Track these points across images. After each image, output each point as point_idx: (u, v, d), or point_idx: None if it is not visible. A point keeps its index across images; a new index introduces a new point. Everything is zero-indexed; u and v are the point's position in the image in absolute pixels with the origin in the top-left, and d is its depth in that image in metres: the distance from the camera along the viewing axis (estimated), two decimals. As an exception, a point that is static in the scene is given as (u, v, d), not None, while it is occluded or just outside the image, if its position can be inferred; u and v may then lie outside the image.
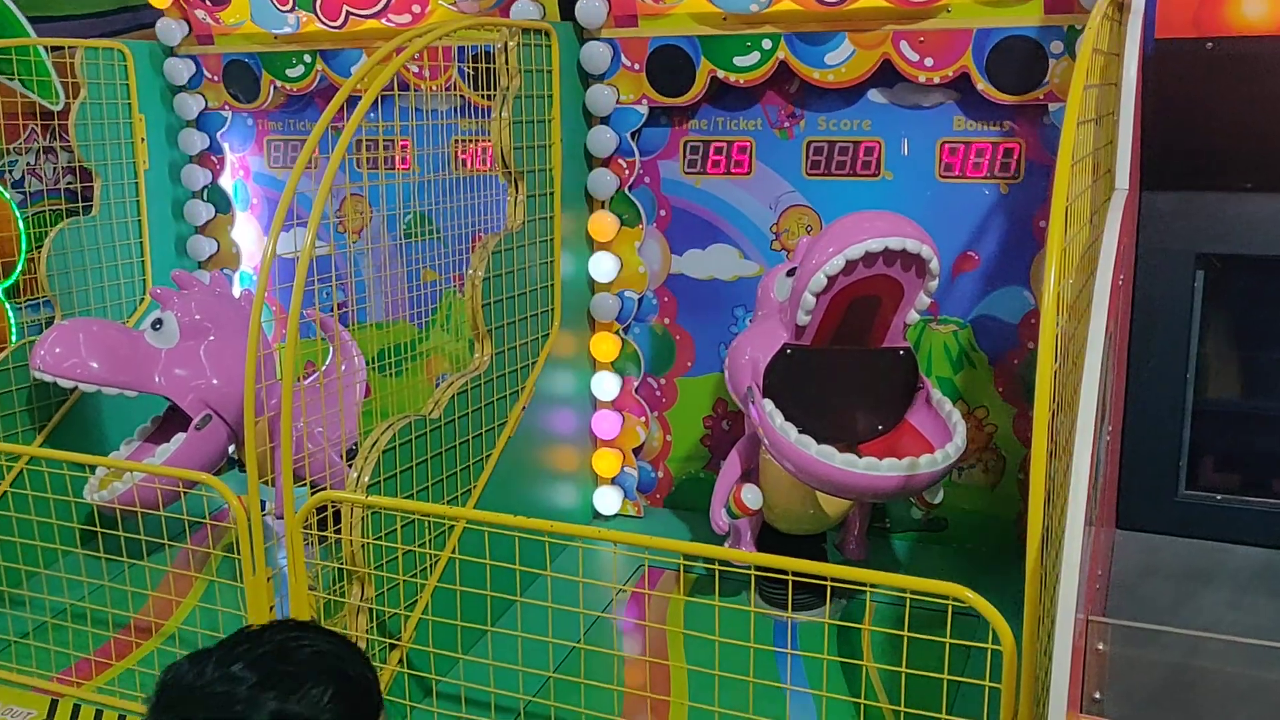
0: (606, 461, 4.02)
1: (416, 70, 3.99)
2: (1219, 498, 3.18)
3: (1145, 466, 3.20)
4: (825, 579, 2.38)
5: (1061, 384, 2.23)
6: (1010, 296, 3.54)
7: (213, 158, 4.61)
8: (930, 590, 2.27)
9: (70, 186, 4.42)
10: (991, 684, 2.23)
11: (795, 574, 2.42)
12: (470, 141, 4.09)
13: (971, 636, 2.32)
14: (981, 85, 3.34)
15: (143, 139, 4.42)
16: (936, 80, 3.40)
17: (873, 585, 2.42)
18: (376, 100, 2.92)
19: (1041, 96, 3.30)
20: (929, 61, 3.38)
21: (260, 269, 2.88)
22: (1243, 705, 2.35)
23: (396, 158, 4.12)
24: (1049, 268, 2.08)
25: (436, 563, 3.11)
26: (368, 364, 3.98)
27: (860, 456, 2.91)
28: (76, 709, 3.14)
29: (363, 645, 2.86)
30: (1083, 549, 2.04)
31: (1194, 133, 3.03)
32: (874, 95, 3.59)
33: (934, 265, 2.95)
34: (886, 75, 3.47)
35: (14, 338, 4.27)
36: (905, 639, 2.35)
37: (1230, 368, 3.32)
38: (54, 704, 3.16)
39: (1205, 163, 3.06)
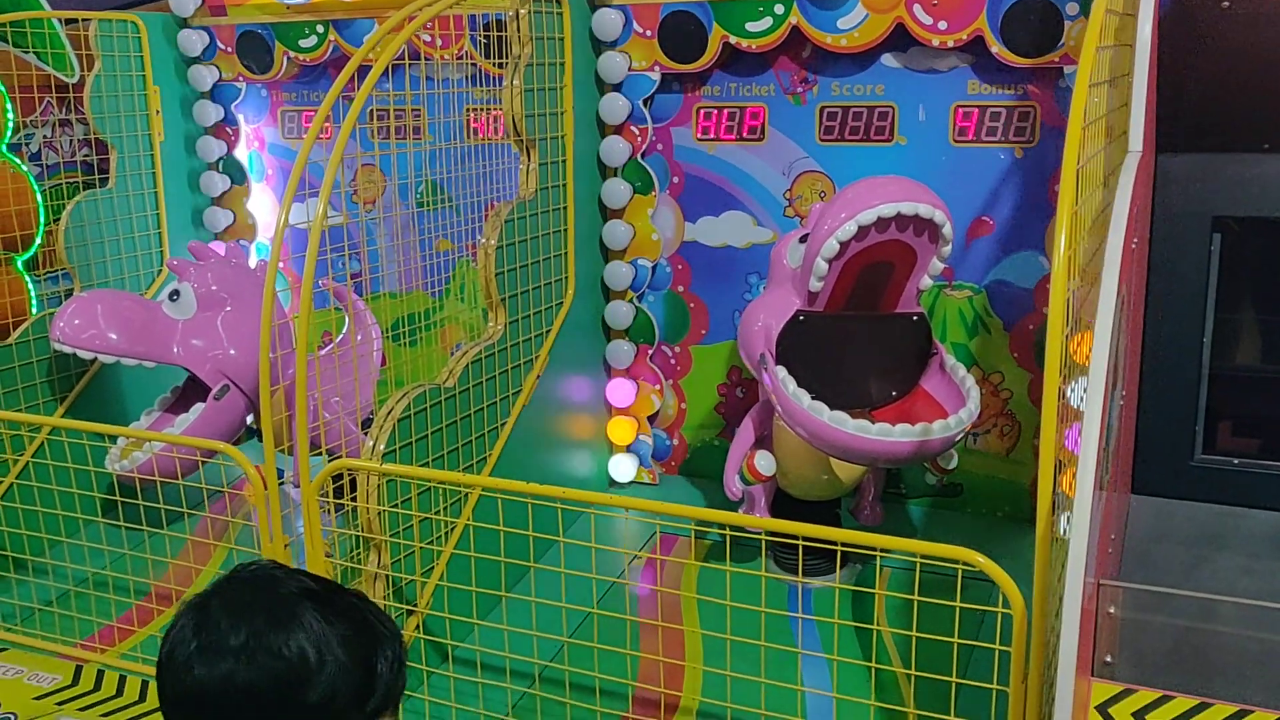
0: (621, 429, 4.04)
1: (428, 39, 3.97)
2: (1235, 462, 3.17)
3: (1161, 431, 3.19)
4: (836, 544, 2.39)
5: (1073, 349, 2.22)
6: (1025, 261, 3.51)
7: (227, 129, 4.63)
8: (941, 555, 2.28)
9: (87, 159, 4.44)
10: (1002, 648, 2.23)
11: (806, 539, 2.43)
12: (483, 110, 4.08)
13: (985, 601, 2.33)
14: (996, 48, 3.31)
15: (158, 111, 4.44)
16: (950, 43, 3.37)
17: (884, 550, 2.42)
18: (389, 69, 2.92)
19: (1057, 59, 3.27)
20: (943, 25, 3.34)
21: (274, 239, 2.89)
22: (1255, 669, 2.35)
23: (409, 127, 4.11)
24: (1059, 231, 2.06)
25: (452, 530, 3.13)
26: (383, 333, 4.00)
27: (873, 422, 2.91)
28: (100, 674, 3.19)
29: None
30: (1093, 513, 2.04)
31: (1210, 94, 3.00)
32: (887, 59, 3.56)
33: (947, 230, 2.94)
34: (900, 39, 3.44)
35: (33, 310, 4.30)
36: (916, 604, 2.36)
37: (1248, 331, 3.30)
38: (79, 669, 3.22)
39: (1222, 124, 3.02)
